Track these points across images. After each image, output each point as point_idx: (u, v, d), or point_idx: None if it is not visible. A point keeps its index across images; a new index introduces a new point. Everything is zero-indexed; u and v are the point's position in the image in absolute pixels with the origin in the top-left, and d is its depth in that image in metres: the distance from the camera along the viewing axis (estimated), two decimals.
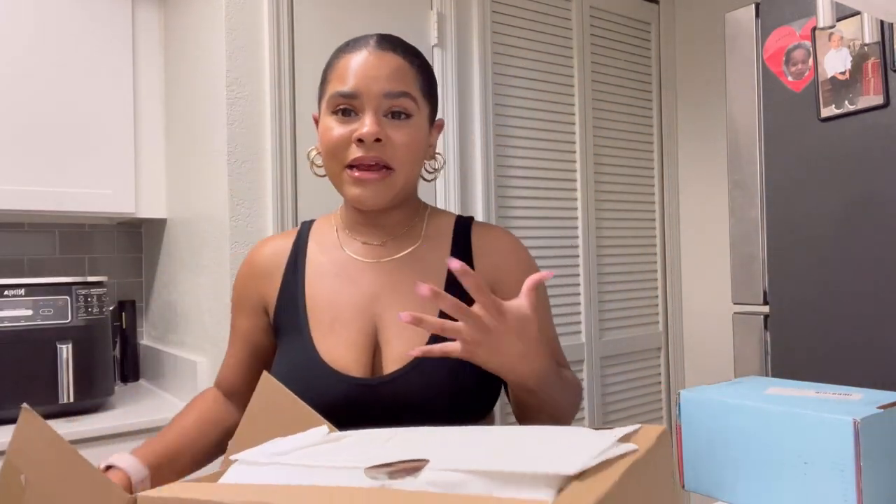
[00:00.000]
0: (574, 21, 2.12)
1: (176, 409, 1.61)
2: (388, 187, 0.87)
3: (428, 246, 0.94)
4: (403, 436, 0.61)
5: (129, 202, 1.79)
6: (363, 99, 0.84)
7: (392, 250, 0.93)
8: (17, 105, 1.65)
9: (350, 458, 0.52)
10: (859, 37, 1.24)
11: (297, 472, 0.52)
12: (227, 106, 1.53)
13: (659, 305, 2.37)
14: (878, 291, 1.24)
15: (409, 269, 0.91)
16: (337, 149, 0.86)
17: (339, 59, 0.88)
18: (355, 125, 0.85)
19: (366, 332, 0.88)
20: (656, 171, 2.37)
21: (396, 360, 0.86)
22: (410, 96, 0.86)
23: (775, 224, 1.39)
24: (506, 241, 0.96)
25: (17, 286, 1.50)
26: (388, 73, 0.85)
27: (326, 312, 0.90)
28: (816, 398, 0.73)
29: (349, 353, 0.87)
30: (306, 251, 0.96)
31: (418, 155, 0.89)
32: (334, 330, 0.88)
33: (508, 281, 0.93)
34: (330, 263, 0.93)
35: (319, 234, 0.98)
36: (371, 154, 0.84)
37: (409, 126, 0.86)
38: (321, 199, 1.63)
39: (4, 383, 1.47)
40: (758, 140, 1.42)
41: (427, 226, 0.96)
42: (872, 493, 0.64)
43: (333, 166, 0.88)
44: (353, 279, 0.91)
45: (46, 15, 1.69)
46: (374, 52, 0.86)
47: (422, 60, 0.92)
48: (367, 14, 1.72)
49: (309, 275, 0.93)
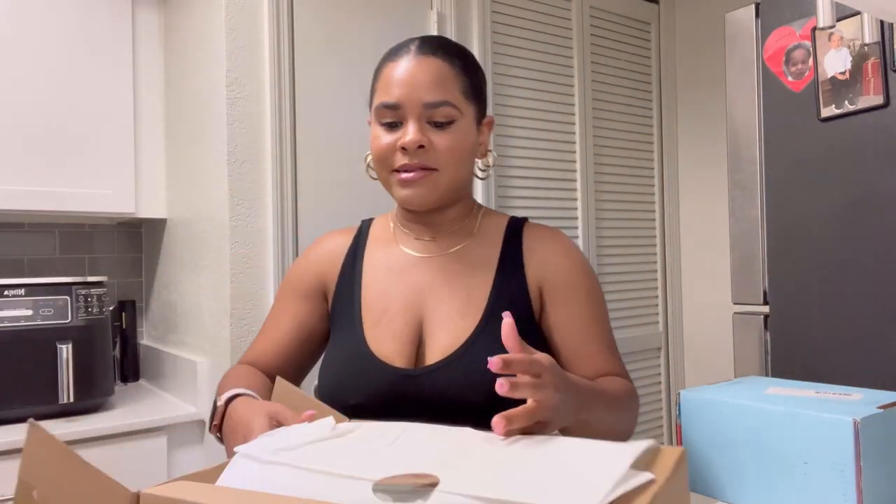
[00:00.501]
0: (574, 21, 2.12)
1: (176, 408, 1.62)
2: (433, 187, 0.90)
3: (478, 243, 0.96)
4: (411, 436, 0.60)
5: (129, 202, 1.79)
6: (405, 109, 0.88)
7: (443, 246, 0.96)
8: (17, 105, 1.65)
9: (354, 463, 0.52)
10: (859, 37, 1.24)
11: (298, 477, 0.51)
12: (227, 106, 1.53)
13: (659, 305, 2.37)
14: (877, 291, 1.23)
15: (458, 264, 0.94)
16: (384, 156, 0.91)
17: (384, 69, 0.92)
18: (399, 133, 0.89)
19: (412, 324, 0.91)
20: (656, 171, 2.37)
21: (439, 352, 0.88)
22: (450, 104, 0.89)
23: (775, 224, 1.39)
24: (557, 241, 0.97)
25: (17, 286, 1.50)
26: (428, 81, 0.88)
27: (378, 304, 0.93)
28: (816, 398, 0.73)
29: (395, 345, 0.90)
30: (365, 245, 1.01)
31: (464, 156, 0.92)
32: (383, 321, 0.92)
33: (556, 280, 0.93)
34: (385, 257, 0.98)
35: (377, 231, 1.02)
36: (415, 161, 0.88)
37: (453, 131, 0.89)
38: (322, 199, 1.63)
39: (4, 383, 1.47)
40: (758, 140, 1.42)
41: (480, 225, 0.98)
42: (872, 493, 0.64)
43: (382, 172, 0.93)
44: (404, 273, 0.95)
45: (47, 15, 1.69)
46: (414, 59, 0.89)
47: (465, 61, 0.93)
48: (367, 14, 1.72)
49: (366, 268, 0.98)
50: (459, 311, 0.90)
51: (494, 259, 0.94)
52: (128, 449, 1.50)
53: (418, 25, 1.80)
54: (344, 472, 0.50)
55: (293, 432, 0.62)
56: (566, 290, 0.92)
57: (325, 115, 1.66)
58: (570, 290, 0.93)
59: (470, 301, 0.90)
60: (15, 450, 1.38)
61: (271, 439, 0.60)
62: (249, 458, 0.56)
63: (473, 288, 0.92)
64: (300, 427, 0.65)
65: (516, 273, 0.93)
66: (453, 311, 0.90)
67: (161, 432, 1.55)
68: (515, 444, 0.57)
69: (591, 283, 0.95)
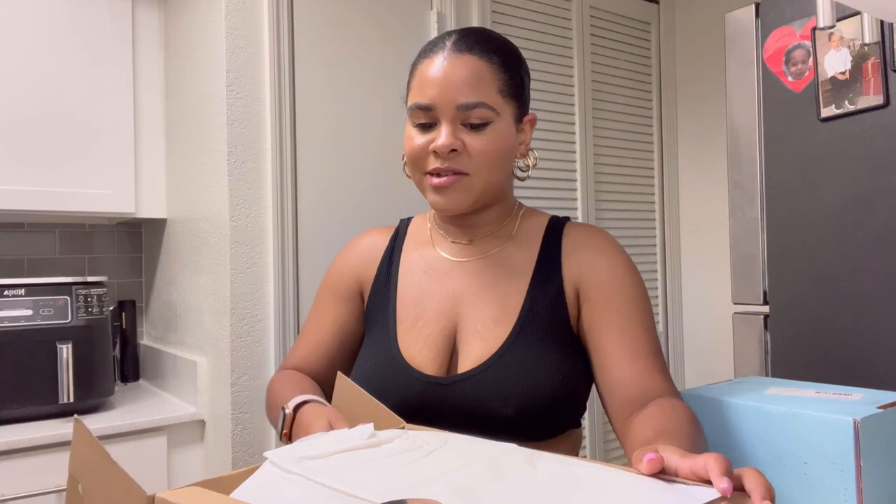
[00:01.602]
0: (574, 21, 2.12)
1: (176, 408, 1.62)
2: (466, 192, 0.87)
3: (515, 245, 0.93)
4: (449, 450, 0.57)
5: (129, 202, 1.79)
6: (438, 111, 0.85)
7: (480, 250, 0.93)
8: (17, 105, 1.65)
9: (368, 480, 0.51)
10: (859, 37, 1.24)
11: (307, 490, 0.50)
12: (227, 106, 1.53)
13: (659, 305, 2.37)
14: (877, 291, 1.23)
15: (494, 269, 0.91)
16: (417, 158, 0.88)
17: (419, 66, 0.89)
18: (433, 135, 0.86)
19: (446, 332, 0.89)
20: (656, 171, 2.37)
21: (471, 361, 0.85)
22: (486, 105, 0.85)
23: (775, 224, 1.39)
24: (596, 238, 0.92)
25: (17, 286, 1.50)
26: (462, 81, 0.84)
27: (412, 309, 0.91)
28: (816, 398, 0.73)
29: (427, 352, 0.87)
30: (402, 247, 0.98)
31: (499, 158, 0.88)
32: (417, 327, 0.90)
33: (593, 280, 0.88)
34: (421, 260, 0.95)
35: (415, 231, 1.00)
36: (446, 165, 0.85)
37: (488, 133, 0.86)
38: (322, 199, 1.63)
39: (4, 383, 1.47)
40: (758, 140, 1.42)
41: (519, 226, 0.95)
42: (872, 492, 0.64)
43: (415, 174, 0.91)
44: (440, 278, 0.92)
45: (47, 15, 1.69)
46: (449, 57, 0.86)
47: (504, 57, 0.89)
48: (367, 14, 1.72)
49: (402, 270, 0.95)
50: (494, 319, 0.87)
51: (532, 262, 0.90)
52: (128, 449, 1.50)
53: (418, 25, 1.80)
54: (351, 491, 0.49)
55: (328, 439, 0.62)
56: (602, 289, 0.87)
57: (326, 114, 1.65)
58: (606, 288, 0.87)
59: (505, 308, 0.87)
60: (15, 450, 1.38)
61: (302, 446, 0.59)
62: (274, 466, 0.55)
63: (509, 295, 0.88)
64: (337, 433, 0.64)
65: (553, 276, 0.89)
66: (487, 318, 0.87)
67: (161, 432, 1.55)
68: (561, 471, 0.53)
69: (630, 280, 0.88)
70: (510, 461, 0.56)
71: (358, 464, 0.55)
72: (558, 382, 0.83)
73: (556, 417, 0.84)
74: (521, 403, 0.82)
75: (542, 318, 0.87)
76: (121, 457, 1.49)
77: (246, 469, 0.57)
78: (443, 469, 0.54)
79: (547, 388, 0.82)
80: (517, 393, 0.82)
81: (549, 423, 0.84)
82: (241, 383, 1.51)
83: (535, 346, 0.85)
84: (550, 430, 0.84)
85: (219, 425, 1.55)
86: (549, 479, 0.52)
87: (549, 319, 0.87)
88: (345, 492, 0.49)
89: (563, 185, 2.09)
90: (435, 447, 0.58)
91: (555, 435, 0.85)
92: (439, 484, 0.50)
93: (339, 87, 1.68)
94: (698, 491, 0.48)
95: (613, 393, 0.83)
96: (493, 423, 0.80)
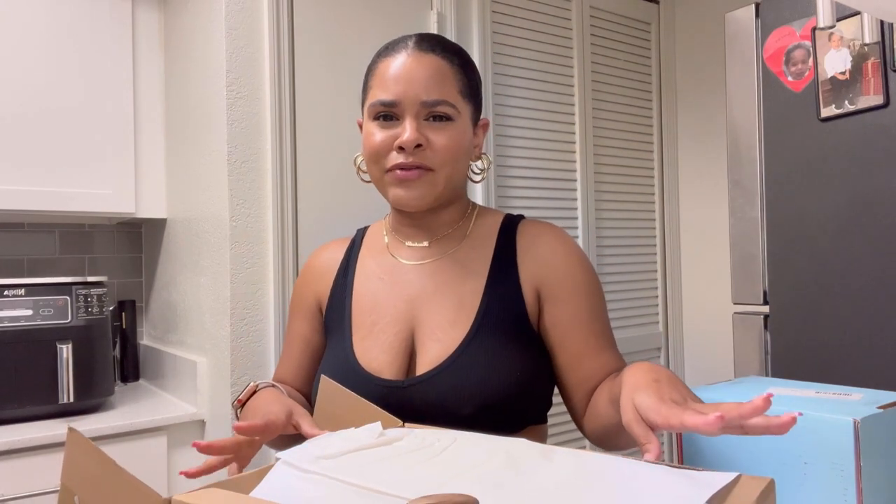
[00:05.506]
0: (574, 21, 2.12)
1: (176, 408, 1.62)
2: (430, 187, 0.87)
3: (470, 245, 0.93)
4: (460, 447, 0.57)
5: (129, 202, 1.79)
6: (402, 106, 0.86)
7: (435, 252, 0.93)
8: (17, 105, 1.65)
9: (392, 477, 0.50)
10: (859, 37, 1.24)
11: (332, 489, 0.50)
12: (227, 106, 1.53)
13: (659, 305, 2.37)
14: (877, 291, 1.23)
15: (450, 270, 0.91)
16: (379, 154, 0.88)
17: (379, 64, 0.89)
18: (396, 130, 0.87)
19: (403, 335, 0.89)
20: (656, 171, 2.37)
21: (429, 362, 0.86)
22: (448, 103, 0.87)
23: (775, 224, 1.39)
24: (551, 237, 0.92)
25: (17, 286, 1.50)
26: (426, 78, 0.86)
27: (368, 316, 0.91)
28: (816, 398, 0.73)
29: (384, 357, 0.88)
30: (358, 256, 0.98)
31: (459, 156, 0.89)
32: (373, 333, 0.90)
33: (552, 277, 0.89)
34: (377, 266, 0.95)
35: (370, 239, 1.00)
36: (411, 160, 0.86)
37: (450, 129, 0.87)
38: (322, 199, 1.63)
39: (4, 383, 1.47)
40: (758, 140, 1.42)
41: (473, 226, 0.95)
42: (872, 493, 0.64)
43: (376, 171, 0.90)
44: (396, 282, 0.92)
45: (47, 16, 1.69)
46: (412, 55, 0.87)
47: (463, 59, 0.91)
48: (367, 14, 1.72)
49: (357, 279, 0.96)
50: (450, 321, 0.87)
51: (487, 262, 0.91)
52: (128, 449, 1.50)
53: (418, 25, 1.80)
54: (379, 488, 0.48)
55: (339, 438, 0.61)
56: (563, 287, 0.89)
57: (326, 114, 1.65)
58: (568, 286, 0.89)
59: (461, 309, 0.88)
60: (15, 450, 1.38)
61: (315, 446, 0.59)
62: (290, 466, 0.55)
63: (465, 295, 0.89)
64: (346, 433, 0.64)
65: (510, 275, 0.90)
66: (444, 320, 0.88)
67: (161, 432, 1.55)
68: (578, 464, 0.53)
69: (588, 277, 0.91)
70: (526, 455, 0.56)
71: (376, 461, 0.55)
72: (516, 380, 0.84)
73: (515, 414, 0.86)
74: (479, 402, 0.82)
75: (499, 317, 0.87)
76: (121, 457, 1.49)
77: (257, 470, 0.56)
78: (464, 464, 0.53)
79: (504, 386, 0.83)
80: (475, 392, 0.83)
81: (510, 421, 0.85)
82: (241, 383, 1.51)
83: (491, 345, 0.85)
84: (511, 427, 0.85)
85: (219, 425, 1.55)
86: (569, 471, 0.52)
87: (506, 318, 0.87)
88: (371, 489, 0.49)
89: (563, 186, 2.09)
90: (447, 444, 0.58)
91: (516, 431, 0.86)
92: (466, 479, 0.50)
93: (340, 88, 1.68)
94: (712, 477, 0.48)
95: (579, 387, 0.88)
96: (453, 423, 0.80)
